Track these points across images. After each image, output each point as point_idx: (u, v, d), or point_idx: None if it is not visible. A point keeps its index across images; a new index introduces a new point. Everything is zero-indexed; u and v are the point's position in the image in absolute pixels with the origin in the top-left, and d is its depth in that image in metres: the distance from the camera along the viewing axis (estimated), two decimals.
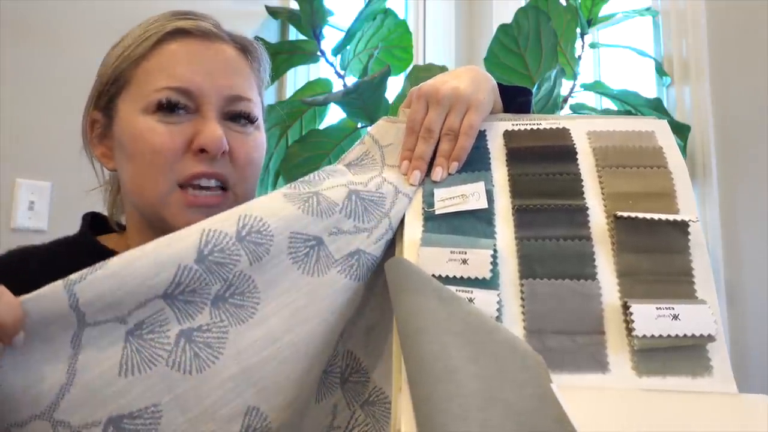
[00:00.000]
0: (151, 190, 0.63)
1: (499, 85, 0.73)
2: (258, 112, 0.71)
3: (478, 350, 0.49)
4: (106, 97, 0.68)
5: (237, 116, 0.68)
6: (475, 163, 0.67)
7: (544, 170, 0.65)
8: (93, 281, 0.47)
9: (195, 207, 0.63)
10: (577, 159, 0.65)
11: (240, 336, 0.52)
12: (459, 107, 0.67)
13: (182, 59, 0.65)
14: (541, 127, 0.69)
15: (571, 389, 0.49)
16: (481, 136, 0.69)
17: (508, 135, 0.69)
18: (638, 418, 0.48)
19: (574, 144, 0.66)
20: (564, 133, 0.68)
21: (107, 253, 0.66)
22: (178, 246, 0.51)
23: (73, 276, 0.47)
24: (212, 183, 0.65)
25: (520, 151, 0.67)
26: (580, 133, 0.68)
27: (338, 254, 0.59)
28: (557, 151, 0.66)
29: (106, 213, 0.77)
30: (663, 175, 0.62)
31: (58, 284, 0.47)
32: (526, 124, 0.70)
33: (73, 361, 0.47)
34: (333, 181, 0.64)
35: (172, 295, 0.51)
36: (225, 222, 0.54)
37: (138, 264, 0.49)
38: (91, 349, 0.48)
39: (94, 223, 0.75)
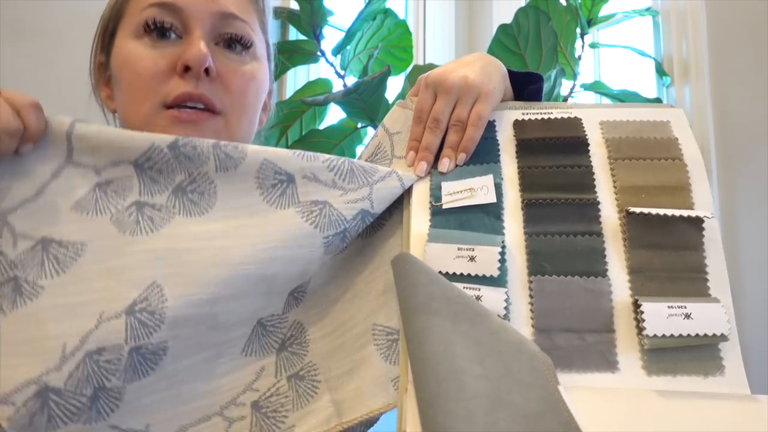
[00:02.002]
0: (137, 114, 0.62)
1: (510, 71, 0.72)
2: (256, 39, 0.68)
3: (484, 351, 0.48)
4: (108, 36, 0.67)
5: (231, 41, 0.65)
6: (484, 155, 0.66)
7: (554, 162, 0.63)
8: (88, 127, 0.55)
9: (181, 123, 0.61)
10: (588, 151, 0.63)
11: (181, 225, 0.55)
12: (468, 97, 0.65)
13: None
14: (552, 116, 0.67)
15: (579, 390, 0.48)
16: (491, 126, 0.68)
17: (518, 125, 0.67)
18: (648, 422, 0.47)
19: (586, 135, 0.65)
20: (576, 123, 0.66)
21: None
22: (158, 135, 0.57)
23: (79, 119, 0.55)
24: (199, 106, 0.62)
25: (530, 143, 0.66)
26: (593, 123, 0.66)
27: (304, 198, 0.58)
28: (568, 142, 0.64)
29: None
30: (678, 168, 0.61)
31: (66, 117, 0.55)
32: (537, 113, 0.68)
33: (45, 185, 0.53)
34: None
35: (142, 167, 0.56)
36: (207, 140, 0.58)
37: (121, 131, 0.56)
38: (64, 181, 0.54)
39: None
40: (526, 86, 0.72)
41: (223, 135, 0.63)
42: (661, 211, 0.56)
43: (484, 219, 0.60)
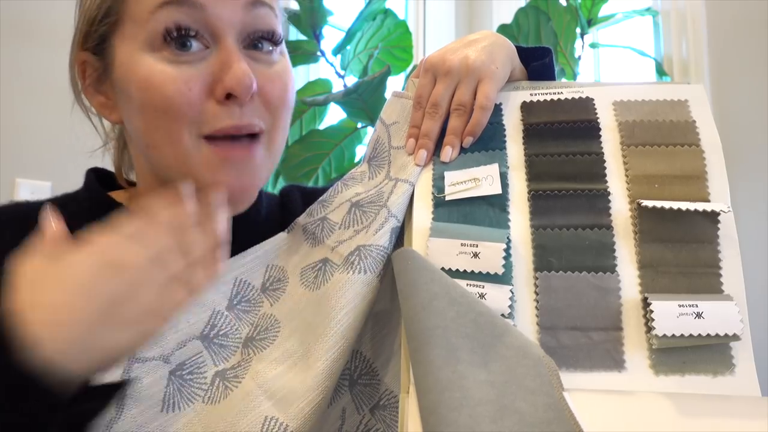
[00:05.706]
0: (171, 146, 0.52)
1: (519, 48, 0.67)
2: (280, 29, 0.57)
3: (488, 354, 0.47)
4: (96, 36, 0.56)
5: (260, 39, 0.55)
6: (489, 141, 0.62)
7: (563, 149, 0.60)
8: None
9: (232, 162, 0.53)
10: (600, 136, 0.60)
11: (260, 360, 0.55)
12: (469, 79, 0.61)
13: None
14: (562, 97, 0.63)
15: (584, 396, 0.46)
16: (497, 110, 0.64)
17: (525, 108, 0.63)
18: (655, 429, 0.45)
19: (598, 118, 0.61)
20: (587, 104, 0.62)
21: (120, 209, 0.61)
22: (214, 294, 0.58)
23: None
24: (243, 133, 0.54)
25: (538, 127, 0.62)
26: (605, 103, 0.62)
27: (339, 260, 0.58)
28: (579, 126, 0.61)
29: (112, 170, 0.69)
30: (694, 155, 0.57)
31: None
32: (546, 94, 0.64)
33: (121, 395, 0.50)
34: (343, 197, 0.64)
35: (208, 337, 0.56)
36: (254, 273, 0.61)
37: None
38: (138, 384, 0.51)
39: (99, 178, 0.66)
40: (533, 62, 0.68)
41: (265, 159, 0.56)
42: (675, 205, 0.53)
43: (488, 211, 0.58)
